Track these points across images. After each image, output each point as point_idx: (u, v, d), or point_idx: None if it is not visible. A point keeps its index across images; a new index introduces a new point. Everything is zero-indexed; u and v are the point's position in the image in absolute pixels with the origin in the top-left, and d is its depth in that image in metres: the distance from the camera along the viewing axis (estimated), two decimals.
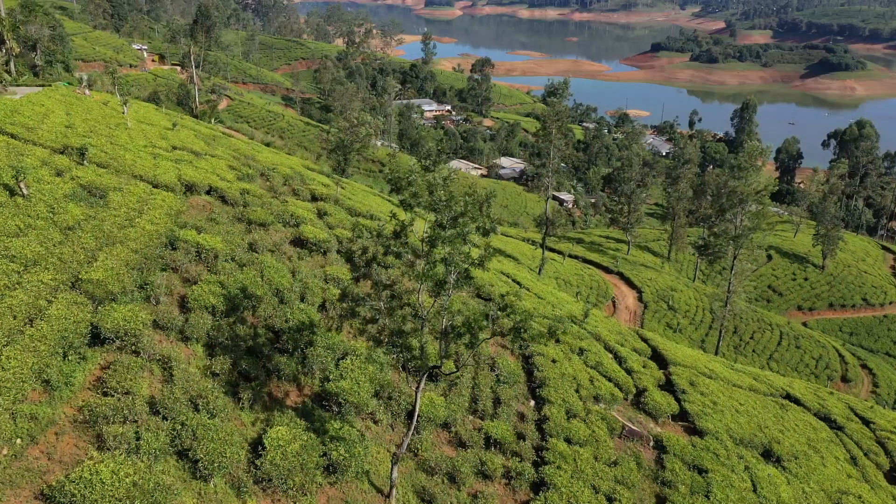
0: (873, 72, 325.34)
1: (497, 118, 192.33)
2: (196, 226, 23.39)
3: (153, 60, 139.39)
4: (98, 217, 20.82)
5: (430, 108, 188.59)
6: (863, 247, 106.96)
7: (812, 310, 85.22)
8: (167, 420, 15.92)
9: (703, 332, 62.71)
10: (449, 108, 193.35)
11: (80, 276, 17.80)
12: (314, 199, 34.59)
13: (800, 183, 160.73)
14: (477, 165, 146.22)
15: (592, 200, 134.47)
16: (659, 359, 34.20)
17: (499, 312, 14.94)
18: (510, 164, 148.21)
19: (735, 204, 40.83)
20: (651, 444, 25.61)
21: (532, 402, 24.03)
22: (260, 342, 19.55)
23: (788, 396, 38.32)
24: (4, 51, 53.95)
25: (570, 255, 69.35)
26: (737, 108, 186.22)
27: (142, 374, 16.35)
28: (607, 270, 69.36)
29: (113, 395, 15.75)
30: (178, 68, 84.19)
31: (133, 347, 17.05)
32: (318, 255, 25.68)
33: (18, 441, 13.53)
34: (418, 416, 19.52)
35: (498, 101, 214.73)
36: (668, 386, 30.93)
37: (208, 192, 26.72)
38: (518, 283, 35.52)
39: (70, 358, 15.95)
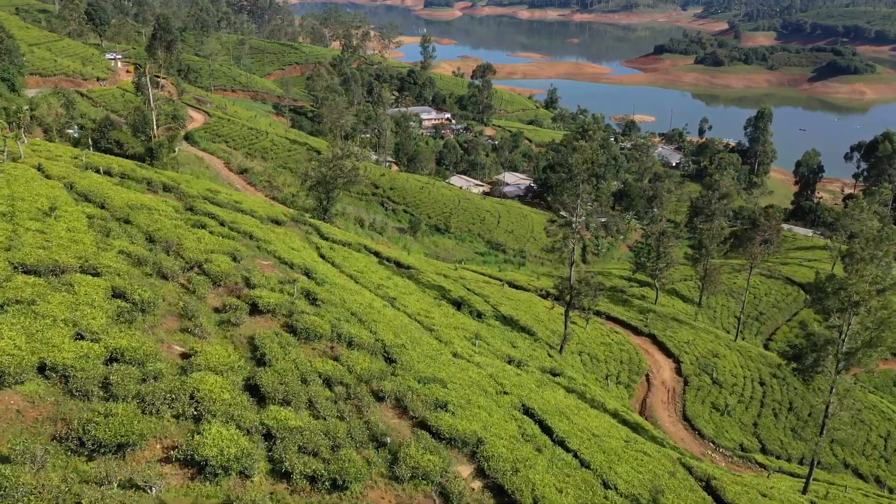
0: (882, 74, 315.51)
1: (499, 126, 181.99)
2: None
3: (128, 71, 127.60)
4: None
5: (429, 116, 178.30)
6: None
7: None
8: None
9: (755, 411, 52.18)
10: (448, 116, 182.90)
11: None
12: (255, 310, 24.01)
13: (820, 196, 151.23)
14: (479, 182, 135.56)
15: (603, 220, 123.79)
16: None
17: None
18: (514, 181, 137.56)
19: (846, 307, 29.19)
20: None
21: None
22: None
23: None
24: None
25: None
26: (750, 115, 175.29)
27: None
28: (636, 331, 58.76)
29: None
30: (148, 84, 72.66)
31: None
32: (229, 481, 15.06)
33: None
34: None
35: (499, 107, 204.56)
36: None
37: (42, 371, 15.22)
38: (549, 430, 25.07)
39: None
